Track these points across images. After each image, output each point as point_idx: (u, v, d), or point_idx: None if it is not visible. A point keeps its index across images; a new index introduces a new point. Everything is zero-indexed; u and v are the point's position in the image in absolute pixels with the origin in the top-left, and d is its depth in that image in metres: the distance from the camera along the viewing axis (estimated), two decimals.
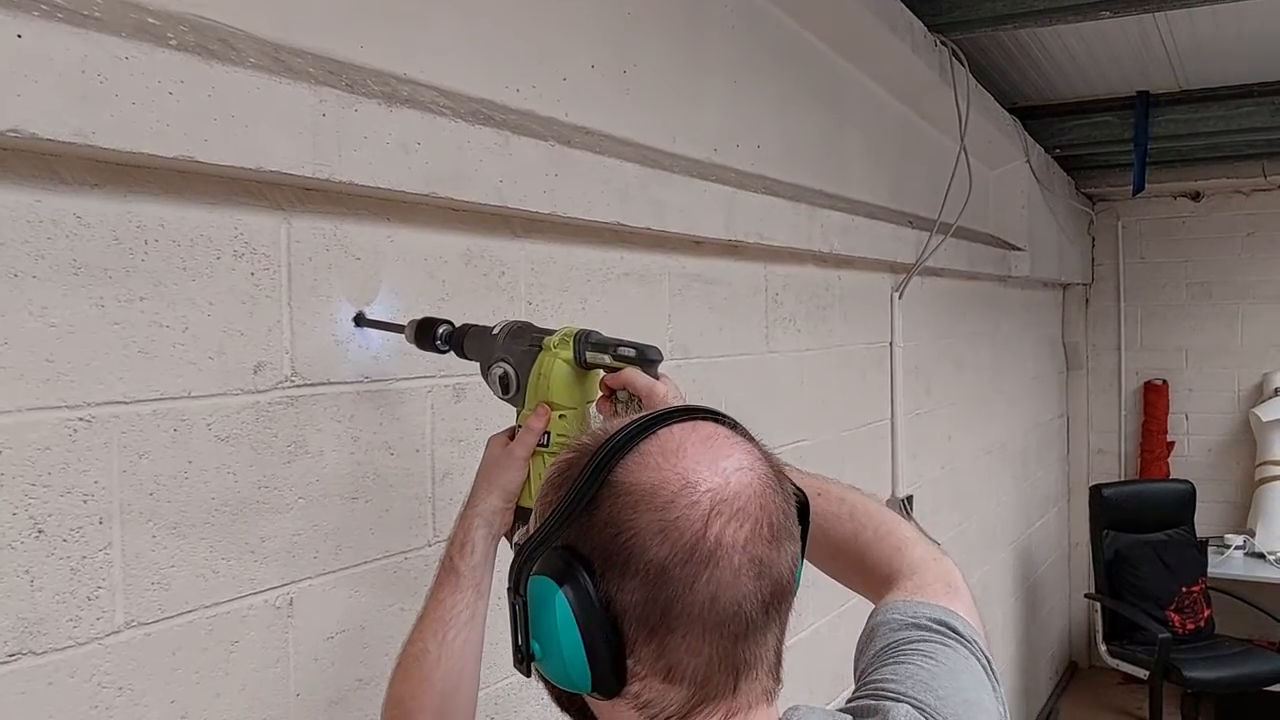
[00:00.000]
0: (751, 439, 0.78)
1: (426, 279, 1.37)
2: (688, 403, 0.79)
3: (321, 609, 1.22)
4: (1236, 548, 5.10)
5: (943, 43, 3.05)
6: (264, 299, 1.14)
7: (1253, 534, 5.11)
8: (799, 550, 0.77)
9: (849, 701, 0.83)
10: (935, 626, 0.88)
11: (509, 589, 0.77)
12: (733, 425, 0.78)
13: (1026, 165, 4.15)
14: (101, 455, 0.98)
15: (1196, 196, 5.46)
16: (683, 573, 0.69)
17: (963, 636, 0.88)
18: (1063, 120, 4.33)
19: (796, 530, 0.77)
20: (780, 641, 0.76)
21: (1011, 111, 4.05)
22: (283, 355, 1.17)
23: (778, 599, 0.73)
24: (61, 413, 0.95)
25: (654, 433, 0.74)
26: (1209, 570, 4.80)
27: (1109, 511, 4.82)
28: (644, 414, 0.76)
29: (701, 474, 0.71)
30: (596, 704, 0.77)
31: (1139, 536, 4.82)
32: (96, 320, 0.98)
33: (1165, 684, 4.50)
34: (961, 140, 3.16)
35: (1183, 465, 5.53)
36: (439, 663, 1.03)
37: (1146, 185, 4.46)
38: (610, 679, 0.72)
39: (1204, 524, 5.10)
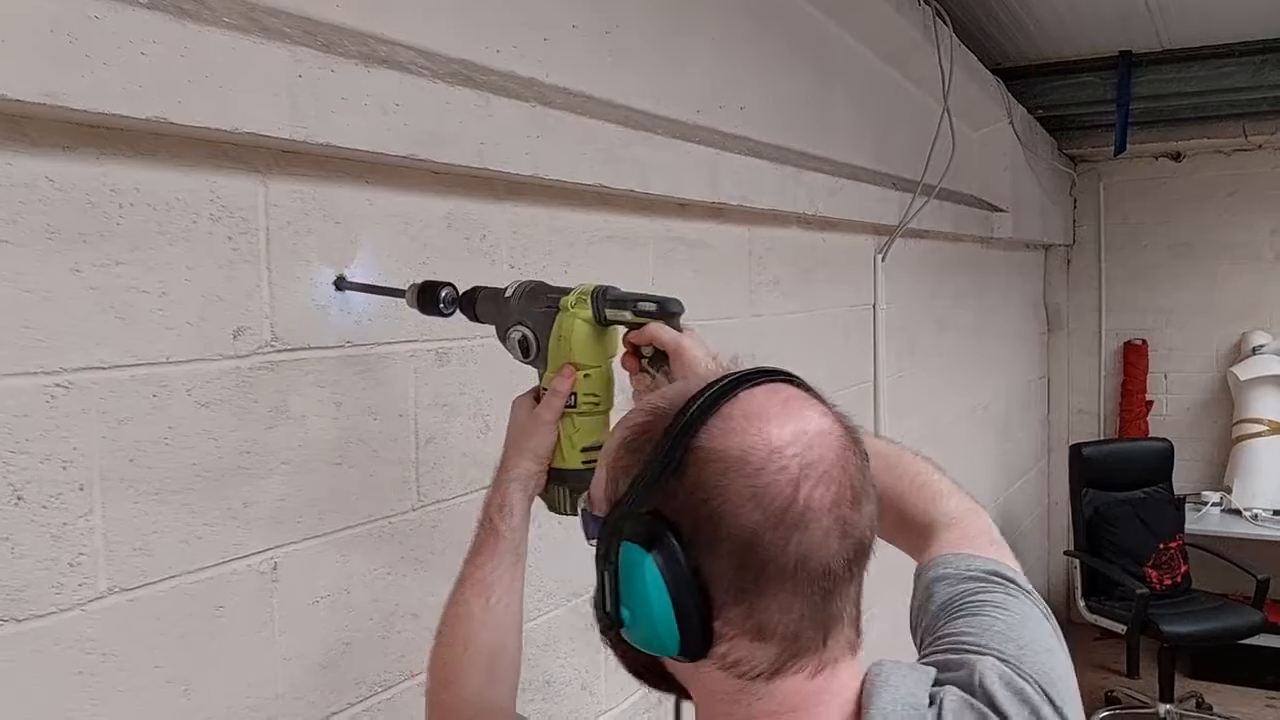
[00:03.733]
0: (823, 399, 0.79)
1: (408, 242, 1.35)
2: (759, 365, 0.79)
3: (307, 574, 1.22)
4: (1213, 504, 5.16)
5: (926, 2, 3.03)
6: (243, 263, 1.13)
7: (1229, 491, 5.18)
8: (875, 509, 0.77)
9: (925, 658, 0.83)
10: (994, 578, 0.88)
11: (598, 556, 0.77)
12: (805, 386, 0.79)
13: (1009, 126, 4.14)
14: (81, 421, 0.97)
15: (1178, 157, 5.47)
16: (774, 536, 0.70)
17: (1021, 586, 0.89)
18: (1046, 81, 4.32)
19: (874, 490, 0.77)
20: (860, 596, 0.77)
21: (995, 72, 4.03)
22: (263, 320, 1.16)
23: (860, 556, 0.74)
24: (39, 379, 0.94)
25: (735, 396, 0.74)
26: (1186, 527, 4.86)
27: (1088, 470, 4.87)
28: (721, 377, 0.76)
29: (786, 438, 0.71)
30: (678, 666, 0.77)
31: (1118, 495, 4.88)
32: (73, 285, 0.97)
33: (1143, 638, 4.57)
34: (945, 101, 3.14)
35: (1161, 424, 5.57)
36: (484, 625, 1.03)
37: (1128, 146, 4.46)
38: (699, 641, 0.72)
39: (1182, 481, 5.16)
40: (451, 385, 1.43)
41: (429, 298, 1.21)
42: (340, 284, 1.25)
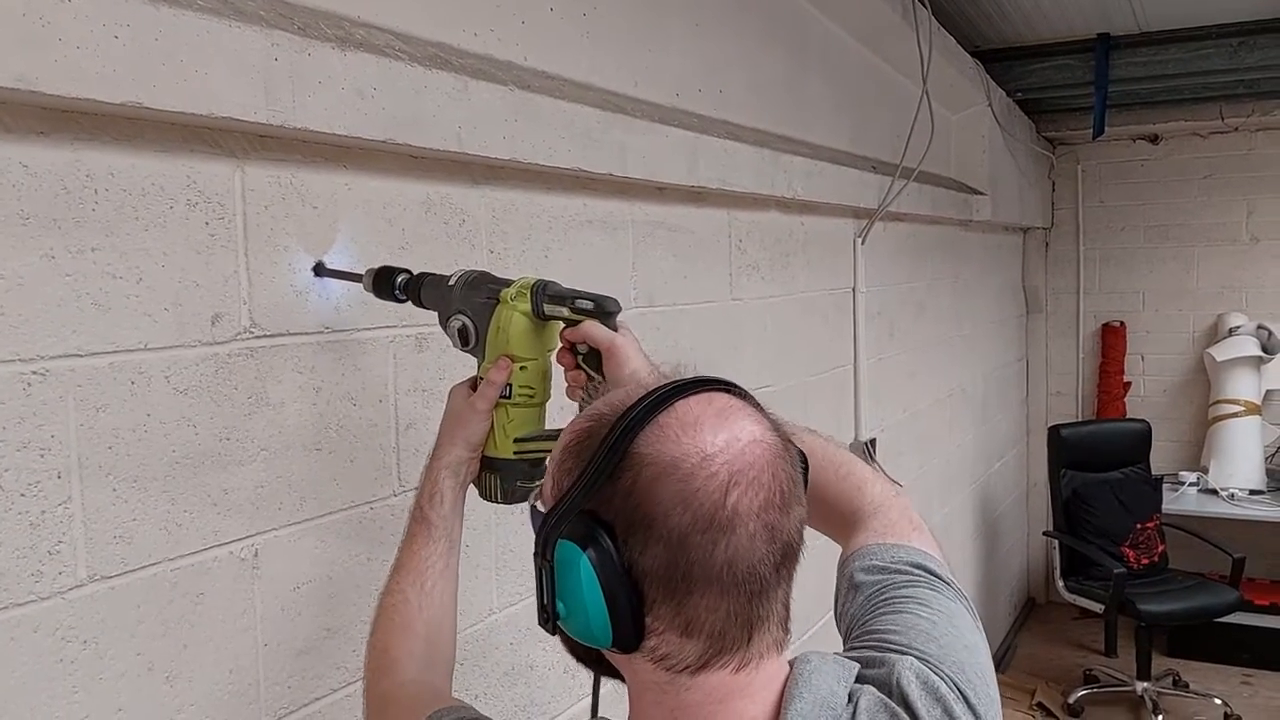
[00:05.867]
0: (760, 408, 0.81)
1: (386, 227, 1.35)
2: (699, 374, 0.82)
3: (287, 560, 1.22)
4: (1190, 484, 5.22)
5: None
6: (219, 249, 1.13)
7: (1206, 471, 5.23)
8: (805, 513, 0.80)
9: (851, 650, 0.86)
10: (918, 572, 0.92)
11: (535, 553, 0.80)
12: (743, 395, 0.81)
13: (988, 109, 4.15)
14: (58, 409, 0.97)
15: (1155, 139, 5.50)
16: (702, 539, 0.72)
17: (943, 579, 0.92)
18: (1024, 63, 4.33)
19: (803, 495, 0.80)
20: (789, 596, 0.79)
21: (973, 54, 4.04)
22: (240, 306, 1.15)
23: (788, 560, 0.77)
24: (15, 366, 0.93)
25: (671, 405, 0.77)
26: (1163, 507, 4.91)
27: (1067, 451, 4.91)
28: (661, 385, 0.78)
29: (718, 446, 0.74)
30: (615, 657, 0.80)
31: (1096, 475, 4.91)
32: (47, 272, 0.96)
33: (1120, 617, 4.62)
34: (924, 84, 3.15)
35: (1139, 405, 5.62)
36: (420, 611, 1.05)
37: (1106, 128, 4.48)
38: (630, 635, 0.75)
39: (1159, 462, 5.21)
40: (431, 371, 1.43)
41: (384, 283, 1.21)
42: (319, 269, 1.24)
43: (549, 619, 0.79)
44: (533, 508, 0.84)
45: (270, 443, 1.19)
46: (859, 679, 0.79)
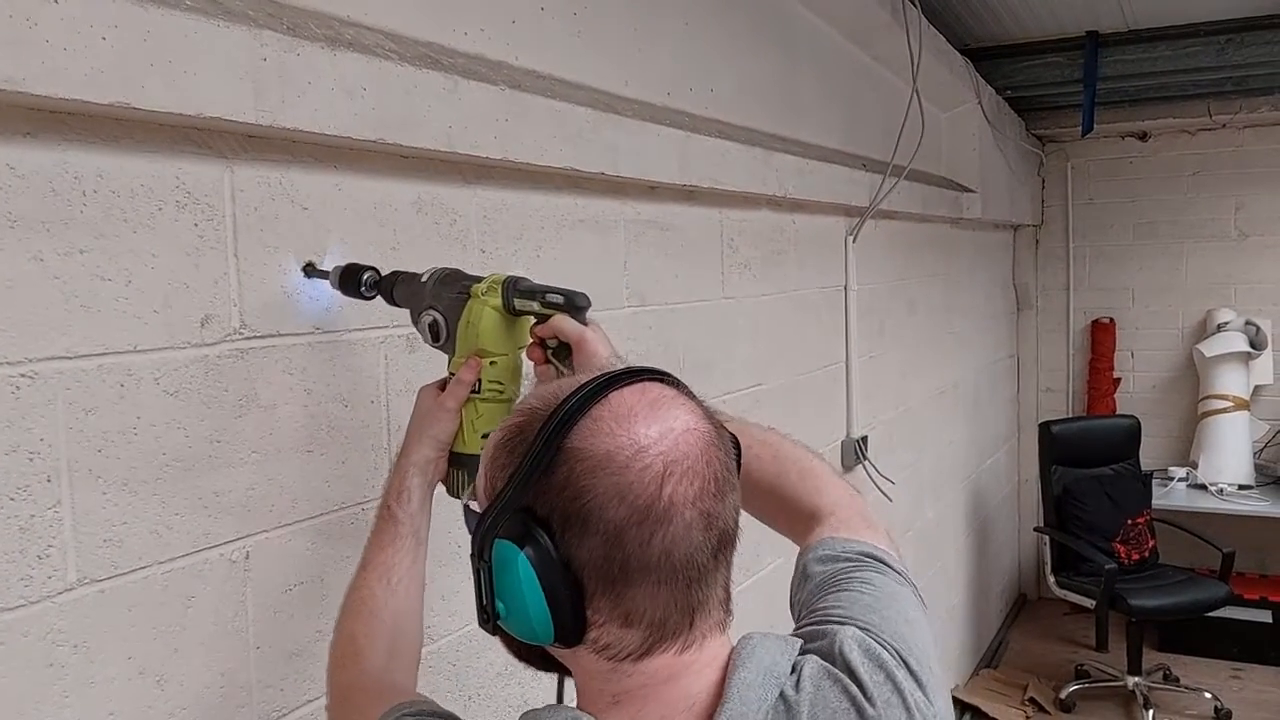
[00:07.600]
0: (693, 396, 0.82)
1: (377, 228, 1.34)
2: (630, 364, 0.82)
3: (279, 561, 1.22)
4: (1179, 480, 5.23)
5: None
6: (209, 250, 1.12)
7: (1195, 466, 5.24)
8: (739, 498, 0.82)
9: (796, 630, 0.87)
10: (864, 559, 0.94)
11: (473, 555, 0.79)
12: (676, 384, 0.82)
13: (978, 107, 4.16)
14: (46, 412, 0.96)
15: (1144, 137, 5.51)
16: (639, 531, 0.73)
17: (890, 566, 0.95)
18: (1014, 61, 4.34)
19: (737, 481, 0.81)
20: (728, 579, 0.81)
21: (963, 53, 4.05)
22: (230, 307, 1.15)
23: (724, 545, 0.78)
24: (3, 369, 0.93)
25: (604, 397, 0.77)
26: (1153, 502, 4.92)
27: (1057, 448, 4.92)
28: (593, 377, 0.79)
29: (652, 437, 0.75)
30: (558, 652, 0.80)
31: (1086, 471, 4.93)
32: (35, 274, 0.95)
33: (1111, 612, 4.64)
34: (914, 82, 3.15)
35: (1128, 401, 5.64)
36: (386, 605, 1.06)
37: (1095, 126, 4.49)
38: (571, 630, 0.76)
39: (1149, 457, 5.22)
40: (422, 371, 1.42)
41: (350, 281, 1.21)
42: (309, 270, 1.24)
43: (489, 619, 0.80)
44: (466, 507, 0.84)
45: (261, 444, 1.19)
46: (803, 652, 0.81)
